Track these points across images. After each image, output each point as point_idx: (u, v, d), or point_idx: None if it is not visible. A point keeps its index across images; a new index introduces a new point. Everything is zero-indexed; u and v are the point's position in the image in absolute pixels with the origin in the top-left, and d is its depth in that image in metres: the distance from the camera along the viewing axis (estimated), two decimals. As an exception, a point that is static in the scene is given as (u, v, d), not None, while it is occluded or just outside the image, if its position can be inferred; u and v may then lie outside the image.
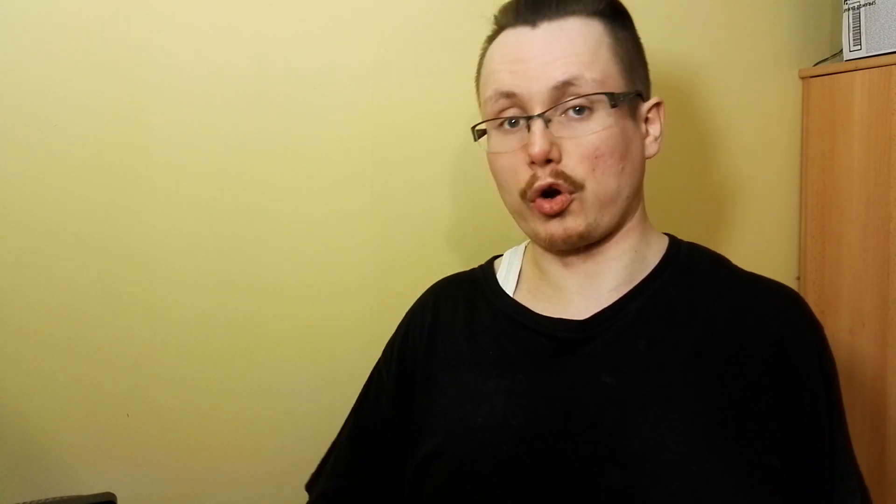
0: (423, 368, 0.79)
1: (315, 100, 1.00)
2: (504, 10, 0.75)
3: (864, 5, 1.07)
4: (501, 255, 0.86)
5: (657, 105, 0.77)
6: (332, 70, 1.00)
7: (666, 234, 0.81)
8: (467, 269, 0.87)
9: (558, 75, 0.70)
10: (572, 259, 0.75)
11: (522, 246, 0.85)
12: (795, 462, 0.70)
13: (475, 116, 0.78)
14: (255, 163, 0.99)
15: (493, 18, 0.76)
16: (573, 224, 0.71)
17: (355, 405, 0.87)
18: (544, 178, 0.70)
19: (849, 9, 1.09)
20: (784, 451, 0.69)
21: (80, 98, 0.92)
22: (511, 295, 0.80)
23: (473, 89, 0.79)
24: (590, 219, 0.71)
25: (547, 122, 0.70)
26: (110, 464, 0.96)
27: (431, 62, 1.03)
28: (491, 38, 0.77)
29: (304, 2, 0.99)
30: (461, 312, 0.81)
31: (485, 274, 0.84)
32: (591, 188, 0.71)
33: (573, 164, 0.70)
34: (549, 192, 0.71)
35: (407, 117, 1.03)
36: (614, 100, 0.70)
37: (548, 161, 0.70)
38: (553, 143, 0.70)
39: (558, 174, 0.70)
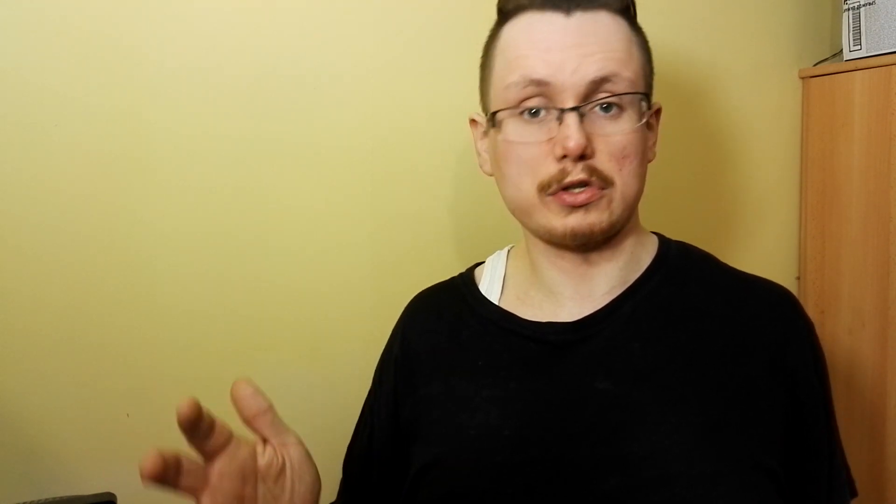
0: (414, 383, 0.78)
1: (314, 99, 1.00)
2: None
3: (864, 5, 1.07)
4: (483, 263, 0.85)
5: (657, 111, 0.77)
6: (332, 70, 1.00)
7: (654, 232, 0.80)
8: (466, 268, 0.86)
9: (596, 70, 0.67)
10: (571, 259, 0.74)
11: (505, 251, 0.84)
12: (795, 461, 0.69)
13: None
14: (255, 162, 0.99)
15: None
16: (597, 219, 0.69)
17: (355, 427, 0.86)
18: (576, 174, 0.68)
19: (849, 9, 1.09)
20: (782, 451, 0.68)
21: (80, 98, 0.92)
22: (497, 302, 0.78)
23: (473, 89, 0.79)
24: (614, 217, 0.70)
25: (581, 116, 0.68)
26: (110, 464, 0.96)
27: (431, 62, 1.03)
28: (505, 18, 0.73)
29: (303, 1, 0.99)
30: (446, 323, 0.79)
31: (465, 282, 0.82)
32: (620, 187, 0.69)
33: (604, 161, 0.68)
34: (574, 186, 0.69)
35: (406, 117, 1.03)
36: (647, 101, 0.70)
37: (581, 156, 0.68)
38: (587, 139, 0.68)
39: (592, 170, 0.68)
